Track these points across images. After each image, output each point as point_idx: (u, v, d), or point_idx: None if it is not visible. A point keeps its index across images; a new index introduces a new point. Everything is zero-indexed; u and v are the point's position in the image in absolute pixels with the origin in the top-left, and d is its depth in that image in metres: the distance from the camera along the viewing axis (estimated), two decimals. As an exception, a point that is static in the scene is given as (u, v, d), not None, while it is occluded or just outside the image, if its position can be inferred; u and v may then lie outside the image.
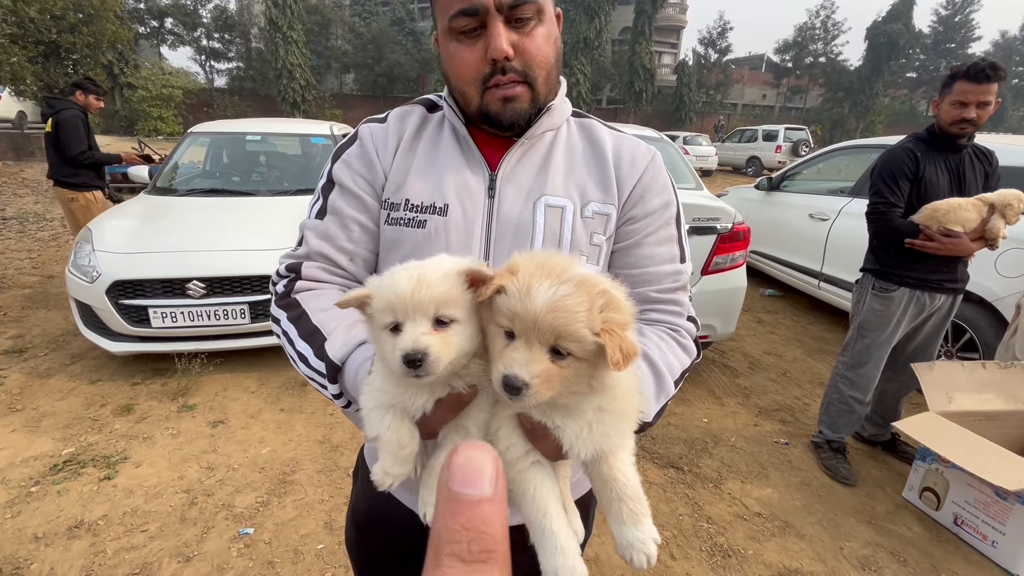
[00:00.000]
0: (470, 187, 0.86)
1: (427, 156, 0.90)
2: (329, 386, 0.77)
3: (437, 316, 0.57)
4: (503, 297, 0.55)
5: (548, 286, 0.53)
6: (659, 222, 0.90)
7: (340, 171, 0.90)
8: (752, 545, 2.29)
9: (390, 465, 0.61)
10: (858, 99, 37.49)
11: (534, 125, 0.87)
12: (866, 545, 2.30)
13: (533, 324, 0.52)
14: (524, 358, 0.53)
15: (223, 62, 34.94)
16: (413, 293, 0.56)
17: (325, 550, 2.18)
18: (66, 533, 2.21)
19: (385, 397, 0.63)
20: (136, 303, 3.27)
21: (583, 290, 0.53)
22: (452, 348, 0.57)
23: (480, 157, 0.88)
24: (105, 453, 2.74)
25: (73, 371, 3.57)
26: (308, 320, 0.82)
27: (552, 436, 0.60)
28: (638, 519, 0.59)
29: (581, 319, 0.52)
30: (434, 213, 0.85)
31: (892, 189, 2.44)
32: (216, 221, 3.84)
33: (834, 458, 2.79)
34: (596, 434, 0.59)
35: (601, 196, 0.88)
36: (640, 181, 0.89)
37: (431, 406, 0.62)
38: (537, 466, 0.63)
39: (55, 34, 12.90)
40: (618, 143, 0.92)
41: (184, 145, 4.87)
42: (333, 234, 0.89)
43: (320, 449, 2.85)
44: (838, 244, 4.67)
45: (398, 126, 0.92)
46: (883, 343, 2.60)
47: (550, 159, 0.89)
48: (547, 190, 0.86)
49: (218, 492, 2.49)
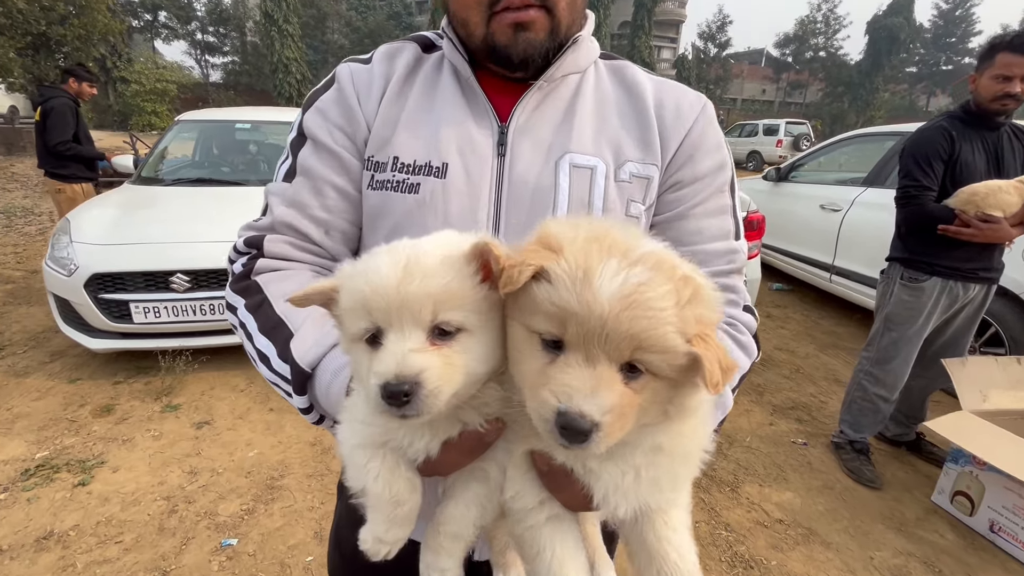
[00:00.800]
0: (475, 142, 0.68)
1: (421, 104, 0.71)
2: (295, 397, 0.60)
3: (436, 323, 0.39)
4: (543, 287, 0.36)
5: (617, 269, 0.35)
6: (710, 189, 0.72)
7: (313, 122, 0.72)
8: (775, 555, 2.12)
9: (384, 530, 0.45)
10: (858, 94, 37.30)
11: (554, 64, 0.69)
12: (897, 554, 2.14)
13: (600, 329, 0.34)
14: (589, 383, 0.35)
15: (218, 56, 34.59)
16: (400, 287, 0.38)
17: (314, 563, 2.01)
18: (34, 545, 2.04)
19: (372, 432, 0.45)
20: (116, 297, 3.08)
21: (663, 275, 0.35)
22: (458, 373, 0.39)
23: (487, 105, 0.70)
24: (81, 457, 2.56)
25: (52, 369, 3.39)
26: (270, 309, 0.65)
27: (578, 484, 0.42)
28: None
29: (670, 320, 0.34)
30: (429, 174, 0.67)
31: (925, 171, 2.26)
32: (203, 211, 3.65)
33: (857, 459, 2.63)
34: (644, 483, 0.41)
35: (640, 155, 0.70)
36: (688, 136, 0.71)
37: (436, 449, 0.45)
38: (555, 521, 0.46)
39: (44, 26, 12.63)
40: (660, 89, 0.74)
41: (172, 133, 4.67)
42: (304, 200, 0.71)
43: (311, 452, 2.68)
44: (851, 235, 4.50)
45: (385, 67, 0.74)
46: (912, 337, 2.43)
47: (575, 108, 0.71)
48: (572, 146, 0.68)
49: (200, 499, 2.31)
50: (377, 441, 0.45)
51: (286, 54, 27.62)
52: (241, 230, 0.74)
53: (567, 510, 0.46)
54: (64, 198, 4.44)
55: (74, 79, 4.43)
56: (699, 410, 0.42)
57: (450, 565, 0.48)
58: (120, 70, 22.66)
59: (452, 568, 0.48)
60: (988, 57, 2.17)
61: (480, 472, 0.47)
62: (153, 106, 21.86)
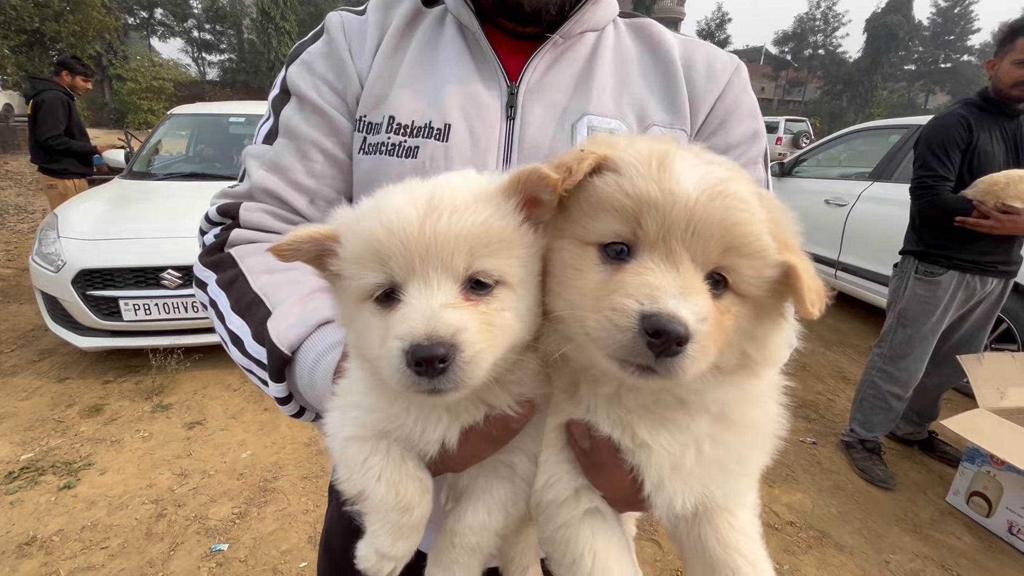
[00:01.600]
0: (481, 103, 0.61)
1: (421, 60, 0.64)
2: (271, 384, 0.51)
3: (472, 273, 0.31)
4: (609, 179, 0.29)
5: (695, 162, 0.29)
6: (746, 158, 0.65)
7: (298, 76, 0.64)
8: (787, 558, 2.05)
9: (389, 543, 0.36)
10: (857, 91, 37.29)
11: (571, 19, 0.62)
12: (914, 558, 2.07)
13: (686, 222, 0.28)
14: (676, 283, 0.28)
15: (215, 54, 34.44)
16: (423, 226, 0.30)
17: (308, 568, 1.93)
18: (15, 551, 1.95)
19: (372, 420, 0.37)
20: (105, 294, 2.99)
21: (742, 177, 0.30)
22: (500, 336, 0.31)
23: (496, 63, 0.63)
24: (67, 459, 2.47)
25: (40, 368, 3.30)
26: (245, 285, 0.57)
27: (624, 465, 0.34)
28: None
29: (760, 218, 0.28)
30: (430, 137, 0.60)
31: (941, 160, 2.18)
32: (195, 206, 3.54)
33: (869, 459, 2.55)
34: (708, 464, 0.34)
35: (667, 117, 0.63)
36: (722, 100, 0.64)
37: (455, 438, 0.36)
38: (595, 518, 0.37)
39: (39, 22, 12.52)
40: (689, 48, 0.67)
41: (165, 127, 4.58)
42: (286, 164, 0.63)
43: (306, 452, 2.59)
44: (857, 231, 4.43)
45: (380, 16, 0.66)
46: (927, 333, 2.35)
47: (593, 68, 0.64)
48: (591, 107, 0.61)
49: (190, 502, 2.23)
50: (379, 431, 0.36)
51: (282, 51, 27.50)
52: (215, 198, 0.67)
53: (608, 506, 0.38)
54: (56, 194, 4.31)
55: (67, 72, 4.30)
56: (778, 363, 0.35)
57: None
58: (116, 68, 22.56)
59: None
60: (1009, 41, 2.09)
61: (504, 468, 0.38)
62: (149, 104, 21.74)
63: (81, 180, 4.44)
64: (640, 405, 0.33)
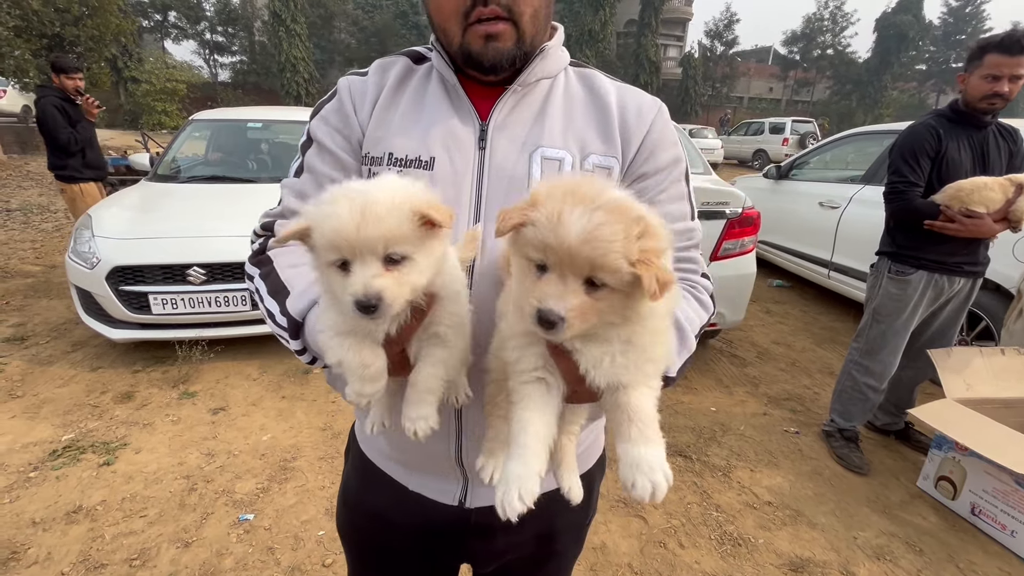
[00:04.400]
0: (459, 138, 0.80)
1: (411, 109, 0.84)
2: (291, 342, 0.74)
3: (388, 254, 0.54)
4: (532, 228, 0.51)
5: (581, 214, 0.49)
6: (670, 179, 0.84)
7: (317, 127, 0.86)
8: (762, 534, 2.23)
9: (360, 386, 0.59)
10: (866, 92, 37.04)
11: (526, 71, 0.81)
12: (880, 535, 2.24)
13: (567, 256, 0.49)
14: (558, 291, 0.50)
15: (226, 56, 34.87)
16: (359, 232, 0.52)
17: (326, 536, 2.14)
18: (64, 518, 2.18)
19: (343, 326, 0.60)
20: (136, 289, 3.23)
21: (618, 217, 0.49)
22: (407, 288, 0.55)
23: (470, 105, 0.82)
24: (105, 439, 2.70)
25: (74, 358, 3.54)
26: (276, 276, 0.79)
27: (571, 357, 0.57)
28: (648, 439, 0.54)
29: (617, 249, 0.48)
30: (419, 167, 0.79)
31: (912, 167, 2.35)
32: (217, 208, 3.79)
33: (846, 447, 2.72)
34: (618, 366, 0.55)
35: (603, 148, 0.82)
36: (649, 134, 0.83)
37: (394, 329, 0.60)
38: (540, 383, 0.59)
39: (59, 27, 12.86)
40: (622, 93, 0.86)
41: (186, 132, 4.82)
42: (308, 193, 0.83)
43: (321, 436, 2.81)
44: (849, 232, 4.57)
45: (379, 77, 0.86)
46: (900, 329, 2.52)
47: (546, 109, 0.83)
48: (544, 141, 0.80)
49: (218, 478, 2.45)
50: (347, 330, 0.60)
51: (293, 53, 27.82)
52: (260, 217, 0.89)
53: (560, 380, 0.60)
54: (67, 198, 4.43)
55: (55, 73, 4.19)
56: (653, 315, 0.56)
57: (428, 412, 0.62)
58: (131, 70, 22.97)
59: (431, 415, 0.62)
60: (978, 57, 2.25)
61: (435, 338, 0.62)
62: (163, 105, 22.11)
63: (90, 184, 4.47)
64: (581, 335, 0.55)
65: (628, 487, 0.52)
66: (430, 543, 0.93)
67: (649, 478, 0.52)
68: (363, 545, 1.02)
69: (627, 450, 0.54)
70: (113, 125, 22.30)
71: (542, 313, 0.50)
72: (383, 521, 0.94)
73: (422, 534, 0.92)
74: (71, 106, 4.28)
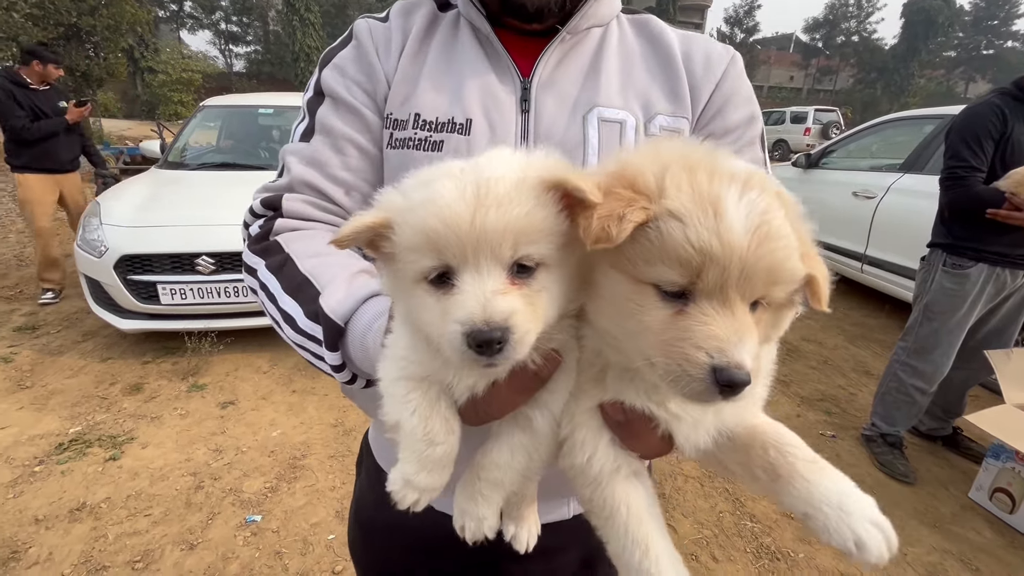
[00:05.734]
0: (498, 97, 0.66)
1: (441, 61, 0.69)
2: (328, 355, 0.57)
3: (516, 259, 0.35)
4: (672, 229, 0.33)
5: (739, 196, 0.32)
6: (742, 141, 0.70)
7: (331, 79, 0.70)
8: (802, 547, 2.07)
9: (414, 472, 0.40)
10: (892, 80, 35.92)
11: (576, 16, 0.66)
12: (932, 551, 2.06)
13: (739, 270, 0.32)
14: (736, 333, 0.32)
15: (241, 45, 35.00)
16: (475, 218, 0.34)
17: (336, 541, 2.03)
18: (67, 516, 2.10)
19: (415, 369, 0.42)
20: (144, 279, 3.15)
21: (771, 195, 0.34)
22: (542, 315, 0.36)
23: (509, 60, 0.68)
24: (112, 433, 2.63)
25: (84, 348, 3.49)
26: (295, 269, 0.62)
27: (657, 430, 0.40)
28: (822, 467, 0.39)
29: (794, 246, 0.33)
30: (453, 131, 0.65)
31: (974, 151, 2.14)
32: (227, 195, 3.68)
33: (890, 453, 2.53)
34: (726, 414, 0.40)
35: (670, 107, 0.68)
36: (719, 88, 0.69)
37: (483, 386, 0.41)
38: (632, 479, 0.43)
39: (75, 16, 12.92)
40: (687, 41, 0.72)
41: (197, 119, 4.73)
42: (324, 159, 0.68)
43: (333, 433, 2.70)
44: (885, 224, 4.33)
45: (402, 21, 0.72)
46: (954, 327, 2.32)
47: (600, 62, 0.68)
48: (600, 100, 0.66)
49: (225, 476, 2.36)
50: (419, 375, 0.42)
51: (307, 43, 27.82)
52: (256, 192, 0.72)
53: (642, 464, 0.44)
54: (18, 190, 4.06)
55: (38, 61, 3.93)
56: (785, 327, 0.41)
57: (488, 514, 0.45)
58: (147, 60, 23.13)
59: (489, 517, 0.45)
60: None
61: (524, 420, 0.43)
62: (179, 96, 22.25)
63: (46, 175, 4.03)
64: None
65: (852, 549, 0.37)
66: (461, 568, 0.80)
67: (871, 521, 0.37)
68: (380, 568, 0.88)
69: (811, 491, 0.38)
70: (131, 115, 22.54)
71: (726, 375, 0.32)
72: (407, 547, 0.81)
73: (452, 559, 0.79)
74: (29, 92, 3.93)
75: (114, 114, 20.38)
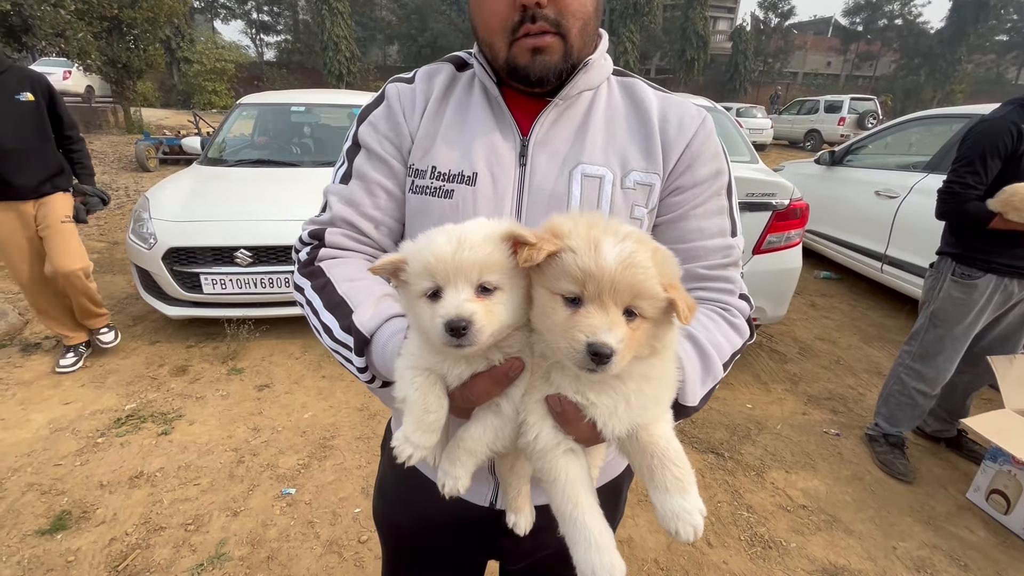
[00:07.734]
0: (500, 153, 0.80)
1: (456, 119, 0.83)
2: (355, 359, 0.73)
3: (480, 282, 0.54)
4: (568, 257, 0.50)
5: (615, 242, 0.49)
6: (708, 192, 0.81)
7: (366, 133, 0.85)
8: (795, 538, 2.19)
9: (412, 431, 0.58)
10: (937, 65, 34.18)
11: (569, 83, 0.79)
12: (922, 546, 2.16)
13: (610, 284, 0.48)
14: (606, 322, 0.49)
15: (272, 35, 35.58)
16: (455, 255, 0.53)
17: (362, 514, 2.24)
18: (127, 483, 2.37)
19: (420, 360, 0.60)
20: (189, 270, 3.41)
21: (643, 245, 0.50)
22: (496, 318, 0.54)
23: (511, 119, 0.81)
24: (163, 410, 2.91)
25: (135, 332, 3.80)
26: (334, 290, 0.78)
27: (583, 417, 0.56)
28: (684, 487, 0.53)
29: (654, 275, 0.49)
30: (462, 182, 0.79)
31: (976, 171, 2.16)
32: (262, 191, 3.93)
33: (890, 453, 2.61)
34: (634, 407, 0.55)
35: (644, 164, 0.80)
36: (689, 147, 0.81)
37: (467, 375, 0.59)
38: (569, 454, 0.59)
39: (117, 9, 13.42)
40: (664, 105, 0.83)
41: (233, 116, 4.99)
42: (358, 199, 0.84)
43: (359, 416, 2.92)
44: (907, 224, 4.30)
45: (425, 86, 0.86)
46: (959, 335, 2.37)
47: (588, 122, 0.81)
48: (584, 158, 0.79)
49: (263, 452, 2.60)
50: (425, 367, 0.60)
51: (336, 32, 28.11)
52: (304, 224, 0.89)
53: (579, 444, 0.59)
54: None
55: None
56: (673, 345, 0.57)
57: (461, 474, 0.62)
58: (183, 51, 23.79)
59: (463, 477, 0.62)
60: None
61: (495, 407, 0.61)
62: (213, 85, 22.88)
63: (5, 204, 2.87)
64: (590, 380, 0.53)
65: (672, 534, 0.53)
66: (463, 539, 0.96)
67: (690, 523, 0.52)
68: (401, 541, 1.06)
69: (664, 501, 0.53)
70: (168, 105, 23.28)
71: (594, 347, 0.47)
72: (420, 518, 0.98)
73: (455, 531, 0.95)
74: None
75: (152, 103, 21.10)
